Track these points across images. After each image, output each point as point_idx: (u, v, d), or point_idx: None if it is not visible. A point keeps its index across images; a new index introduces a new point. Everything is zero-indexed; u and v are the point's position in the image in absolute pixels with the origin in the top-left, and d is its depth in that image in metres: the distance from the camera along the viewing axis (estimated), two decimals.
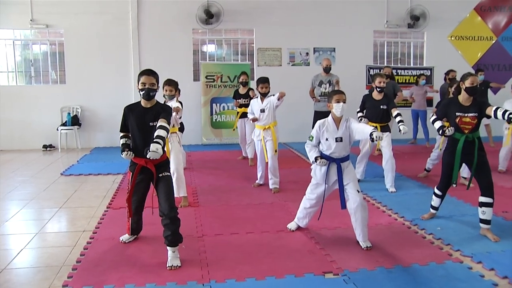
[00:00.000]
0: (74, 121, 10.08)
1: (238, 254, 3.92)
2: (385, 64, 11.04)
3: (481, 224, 4.35)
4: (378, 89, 6.18)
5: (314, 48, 10.97)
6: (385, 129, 6.23)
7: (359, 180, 6.39)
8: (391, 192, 6.03)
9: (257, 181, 6.44)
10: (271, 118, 6.08)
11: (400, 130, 5.62)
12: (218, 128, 10.51)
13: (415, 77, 10.40)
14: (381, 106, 6.18)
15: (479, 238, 4.27)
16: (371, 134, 3.86)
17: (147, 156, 3.56)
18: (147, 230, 4.42)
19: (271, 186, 6.11)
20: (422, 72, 10.45)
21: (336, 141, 4.13)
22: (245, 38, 11.00)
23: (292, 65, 10.94)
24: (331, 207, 4.75)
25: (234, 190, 6.24)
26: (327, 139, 4.15)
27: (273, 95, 6.05)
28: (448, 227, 4.57)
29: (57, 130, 9.95)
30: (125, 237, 4.29)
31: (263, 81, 6.16)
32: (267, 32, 10.75)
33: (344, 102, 4.14)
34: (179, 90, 6.25)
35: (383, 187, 6.19)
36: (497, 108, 4.18)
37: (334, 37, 10.94)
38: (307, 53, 10.96)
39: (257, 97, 6.27)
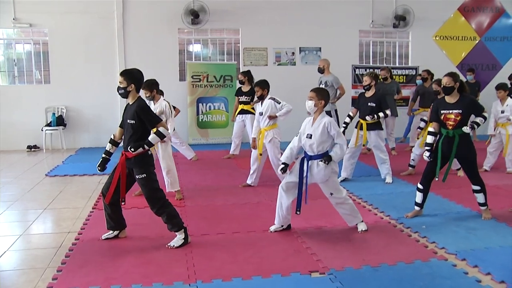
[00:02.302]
0: (59, 121, 9.97)
1: (224, 254, 3.92)
2: (371, 64, 11.13)
3: (480, 207, 4.83)
4: (364, 88, 6.50)
5: (300, 48, 10.98)
6: (373, 126, 6.33)
7: (346, 179, 6.47)
8: (387, 183, 6.36)
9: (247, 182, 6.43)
10: (268, 121, 6.09)
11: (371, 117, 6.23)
12: (204, 128, 10.48)
13: (401, 76, 10.49)
14: (369, 103, 6.37)
15: (463, 236, 4.31)
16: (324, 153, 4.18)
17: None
18: (133, 230, 4.41)
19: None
20: (409, 72, 10.53)
21: (307, 137, 4.25)
22: (231, 37, 10.97)
23: (278, 64, 10.94)
24: (317, 207, 4.77)
25: (220, 190, 6.24)
26: (302, 134, 4.33)
27: (273, 98, 6.07)
28: (433, 225, 4.61)
29: (42, 130, 9.83)
30: (105, 234, 4.31)
31: (255, 85, 6.23)
32: (253, 31, 10.74)
33: (310, 100, 4.25)
34: (162, 91, 6.25)
35: (369, 186, 6.24)
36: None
37: (320, 37, 10.96)
38: (293, 53, 10.97)
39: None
